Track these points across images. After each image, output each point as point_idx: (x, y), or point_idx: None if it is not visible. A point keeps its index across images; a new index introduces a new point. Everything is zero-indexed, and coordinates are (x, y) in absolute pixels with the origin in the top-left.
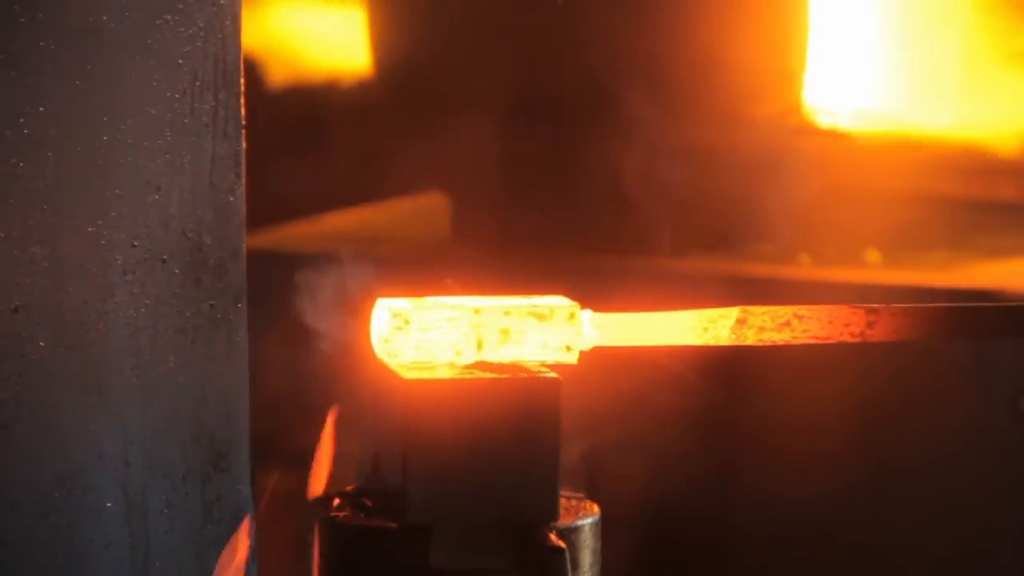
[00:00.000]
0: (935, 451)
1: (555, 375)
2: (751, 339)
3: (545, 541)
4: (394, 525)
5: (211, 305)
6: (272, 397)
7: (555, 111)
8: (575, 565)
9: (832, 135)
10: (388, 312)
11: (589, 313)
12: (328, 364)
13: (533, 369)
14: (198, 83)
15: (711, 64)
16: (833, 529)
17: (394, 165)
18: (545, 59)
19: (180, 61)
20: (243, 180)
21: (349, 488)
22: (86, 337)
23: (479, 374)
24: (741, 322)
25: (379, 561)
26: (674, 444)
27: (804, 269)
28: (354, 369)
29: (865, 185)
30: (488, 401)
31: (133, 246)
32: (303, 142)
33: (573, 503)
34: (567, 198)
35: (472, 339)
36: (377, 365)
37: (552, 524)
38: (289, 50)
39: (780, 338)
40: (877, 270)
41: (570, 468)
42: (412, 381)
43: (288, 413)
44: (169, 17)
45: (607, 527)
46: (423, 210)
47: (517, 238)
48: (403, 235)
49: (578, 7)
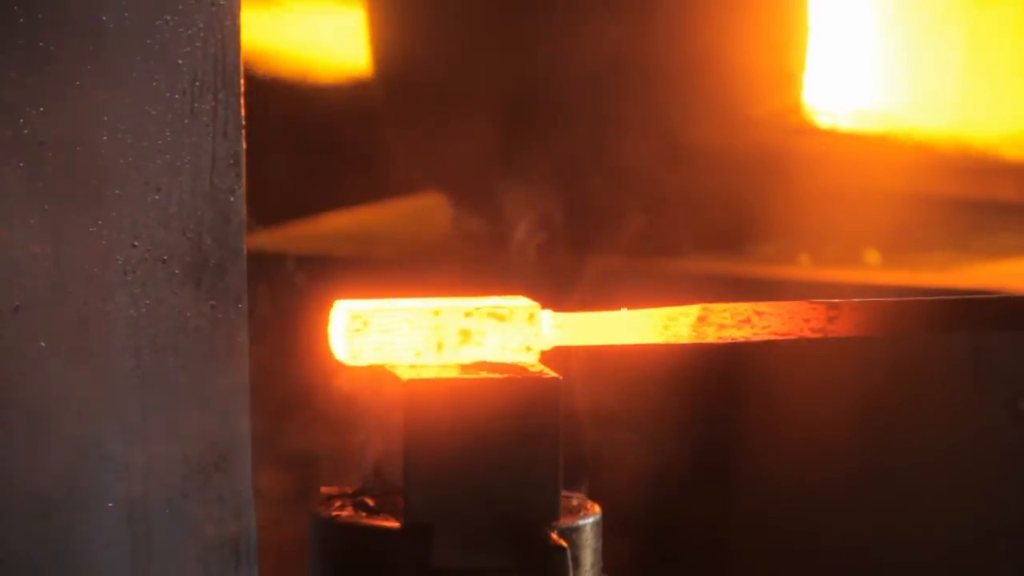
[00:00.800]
0: (934, 451)
1: (556, 375)
2: (711, 336)
3: (546, 540)
4: (394, 525)
5: (211, 305)
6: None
7: (555, 111)
8: (576, 564)
9: (832, 135)
10: (347, 314)
11: (549, 313)
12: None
13: (533, 369)
14: (198, 83)
15: (711, 64)
16: (833, 528)
17: (394, 165)
18: (545, 59)
19: (180, 61)
20: (243, 180)
21: (349, 488)
22: (87, 337)
23: (479, 374)
24: (701, 320)
25: (379, 561)
26: (674, 444)
27: (804, 269)
28: (355, 370)
29: (865, 185)
30: (488, 401)
31: (133, 246)
32: (303, 142)
33: (574, 502)
34: (566, 198)
35: (432, 341)
36: (379, 365)
37: (553, 523)
38: (289, 50)
39: (740, 335)
40: (877, 270)
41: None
42: (412, 381)
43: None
44: (169, 17)
45: (608, 526)
46: (423, 210)
47: (515, 239)
48: (403, 236)
49: (578, 7)
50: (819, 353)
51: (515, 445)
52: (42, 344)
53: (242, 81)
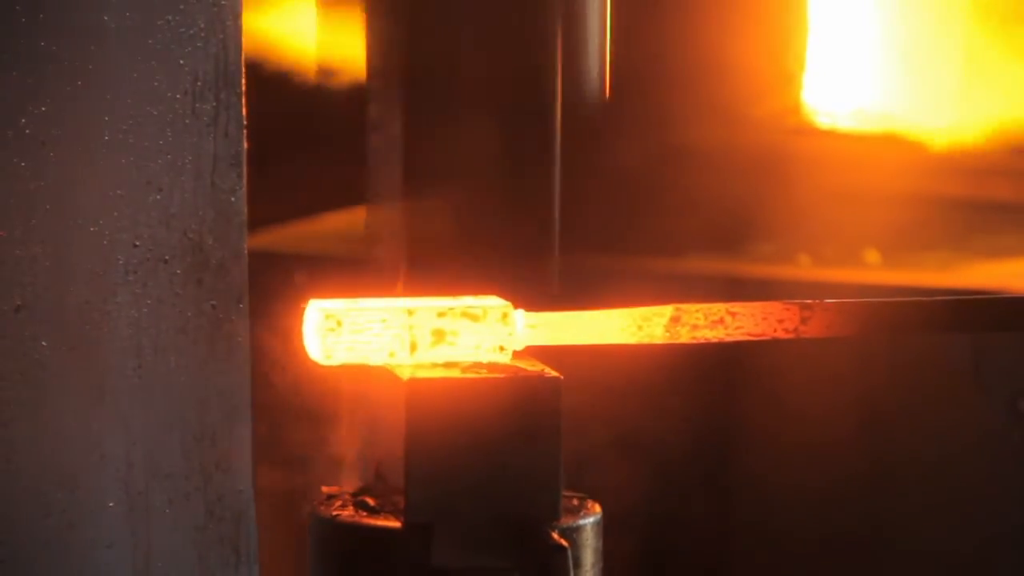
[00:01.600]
0: (934, 451)
1: (556, 375)
2: (685, 337)
3: (547, 540)
4: (395, 525)
5: (213, 305)
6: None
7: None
8: (577, 564)
9: (832, 135)
10: (320, 313)
11: (522, 313)
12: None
13: (534, 369)
14: (199, 83)
15: (711, 64)
16: (833, 528)
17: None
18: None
19: (181, 61)
20: (244, 180)
21: (349, 488)
22: (88, 337)
23: (480, 374)
24: (675, 320)
25: (380, 561)
26: (674, 444)
27: (804, 269)
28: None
29: (865, 185)
30: (489, 401)
31: (135, 246)
32: (303, 142)
33: (575, 502)
34: (566, 199)
35: (406, 340)
36: (380, 366)
37: (554, 523)
38: (290, 50)
39: (714, 335)
40: (877, 270)
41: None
42: (413, 381)
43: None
44: (170, 17)
45: (608, 526)
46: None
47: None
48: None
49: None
50: (819, 353)
51: (515, 445)
52: (42, 344)
53: (243, 81)
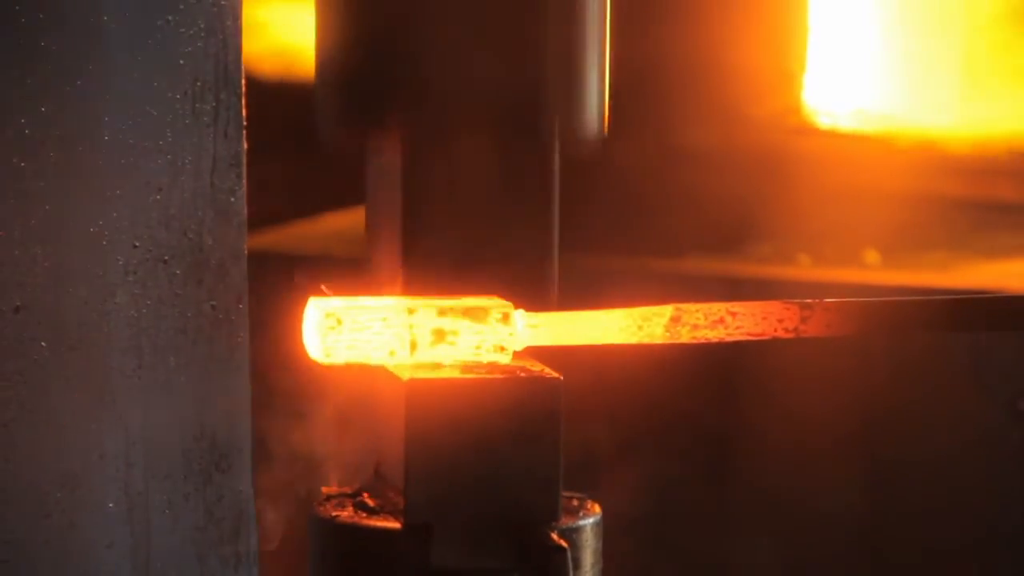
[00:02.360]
0: (935, 451)
1: (556, 375)
2: (685, 337)
3: (547, 541)
4: (395, 525)
5: (212, 306)
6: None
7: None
8: (576, 565)
9: (832, 136)
10: (320, 312)
11: (522, 313)
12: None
13: (534, 369)
14: (199, 83)
15: (711, 65)
16: (833, 528)
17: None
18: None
19: (181, 61)
20: (244, 180)
21: (349, 488)
22: (88, 337)
23: (480, 374)
24: (675, 320)
25: (379, 561)
26: (674, 444)
27: (804, 269)
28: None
29: (865, 185)
30: (489, 401)
31: (134, 246)
32: (303, 142)
33: (575, 503)
34: (566, 199)
35: (406, 339)
36: (379, 366)
37: (553, 524)
38: (290, 50)
39: (714, 335)
40: (877, 270)
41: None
42: (413, 381)
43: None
44: (170, 18)
45: (608, 526)
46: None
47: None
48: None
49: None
50: (819, 353)
51: (515, 445)
52: (42, 344)
53: (243, 81)
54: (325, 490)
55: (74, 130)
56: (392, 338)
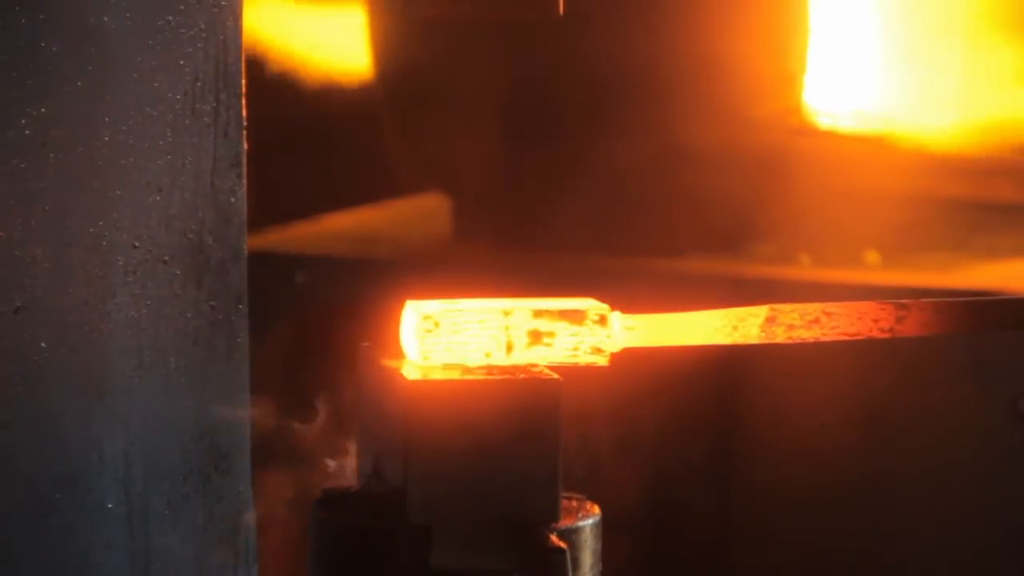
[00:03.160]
0: (935, 452)
1: (556, 376)
2: (781, 337)
3: (546, 542)
4: (394, 525)
5: (212, 306)
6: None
7: (555, 112)
8: (576, 566)
9: (832, 136)
10: (418, 315)
11: (618, 315)
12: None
13: (534, 370)
14: (199, 84)
15: (711, 65)
16: (833, 530)
17: (394, 166)
18: (545, 59)
19: (181, 62)
20: (244, 181)
21: (349, 488)
22: (87, 338)
23: (480, 375)
24: (770, 320)
25: (379, 561)
26: (674, 444)
27: (804, 269)
28: (356, 368)
29: (865, 185)
30: (489, 401)
31: (134, 247)
32: (303, 142)
33: (574, 503)
34: (567, 199)
35: (502, 341)
36: (378, 365)
37: (553, 525)
38: (290, 51)
39: (810, 335)
40: (877, 270)
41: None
42: (413, 381)
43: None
44: (170, 18)
45: (607, 528)
46: (423, 211)
47: (516, 239)
48: (403, 237)
49: (579, 8)
50: (819, 355)
51: (515, 446)
52: (42, 344)
53: (243, 82)
54: (325, 490)
55: (74, 131)
56: (488, 340)
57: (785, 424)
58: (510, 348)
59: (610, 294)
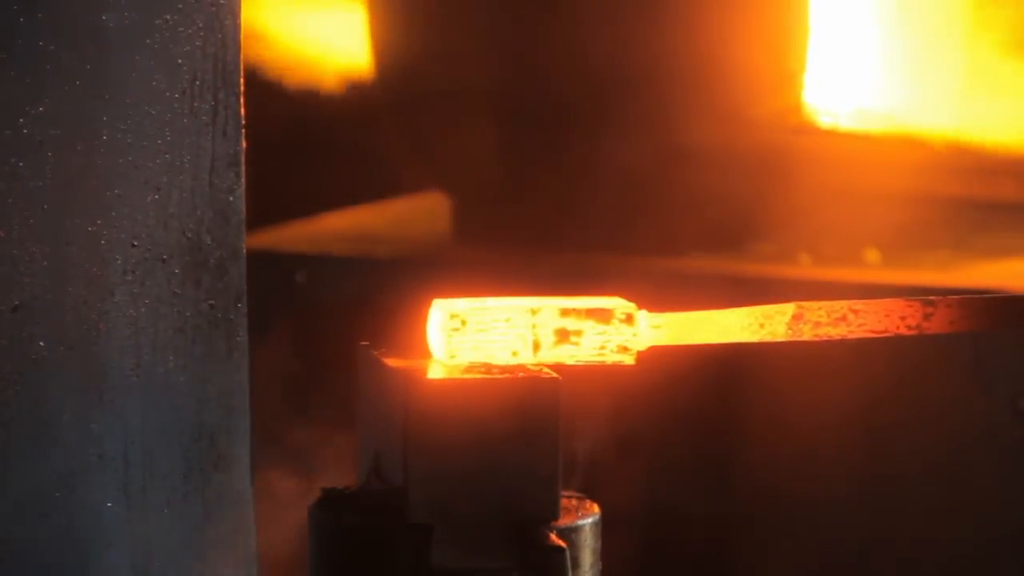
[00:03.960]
0: (935, 451)
1: (555, 375)
2: (807, 334)
3: (546, 541)
4: (394, 524)
5: (211, 305)
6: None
7: (555, 111)
8: (576, 565)
9: (832, 135)
10: (445, 313)
11: (645, 313)
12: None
13: (534, 369)
14: (198, 83)
15: (711, 64)
16: (834, 529)
17: (394, 165)
18: (546, 59)
19: (180, 61)
20: (243, 180)
21: (349, 488)
22: (86, 337)
23: (480, 374)
24: (797, 318)
25: (379, 561)
26: (674, 444)
27: (804, 269)
28: (356, 368)
29: (866, 185)
30: (489, 400)
31: (133, 246)
32: (303, 142)
33: (574, 502)
34: (567, 199)
35: (529, 340)
36: (378, 364)
37: (552, 524)
38: (289, 50)
39: (837, 332)
40: (877, 269)
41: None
42: (414, 381)
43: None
44: (169, 17)
45: (608, 527)
46: (423, 210)
47: (517, 239)
48: (403, 236)
49: (579, 7)
50: (820, 354)
51: (515, 445)
52: (41, 343)
53: (242, 80)
54: (325, 489)
55: (72, 129)
56: (515, 339)
57: (785, 423)
58: (537, 347)
59: (610, 293)
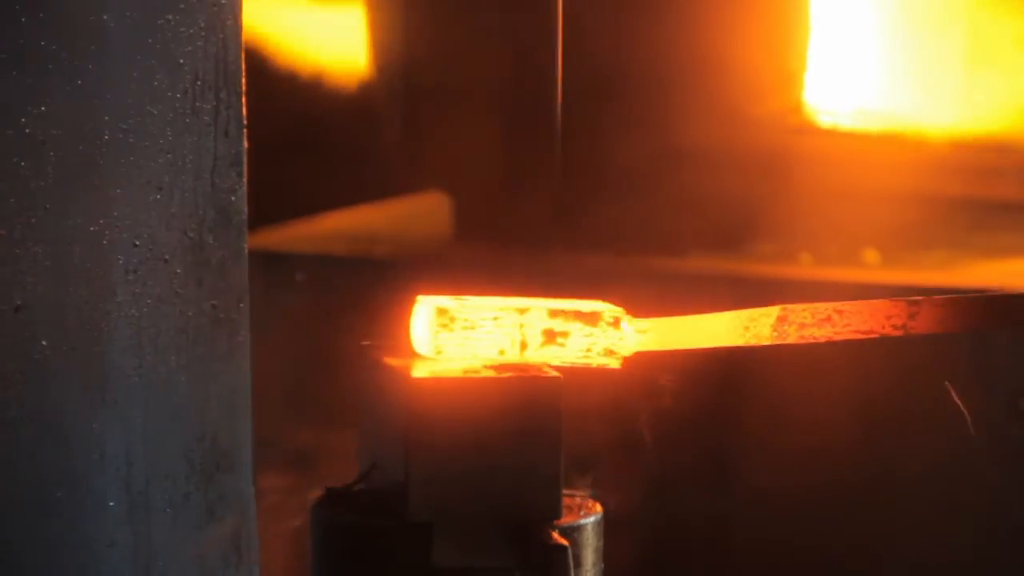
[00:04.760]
0: (935, 451)
1: (557, 375)
2: (793, 336)
3: (548, 540)
4: (395, 523)
5: (213, 305)
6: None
7: (556, 111)
8: (577, 563)
9: (833, 135)
10: (433, 310)
11: (630, 318)
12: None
13: (534, 369)
14: (199, 83)
15: (711, 64)
16: (834, 529)
17: (394, 164)
18: (546, 59)
19: (181, 61)
20: (244, 180)
21: (349, 488)
22: (88, 337)
23: (481, 373)
24: (782, 320)
25: (380, 560)
26: (674, 444)
27: (804, 269)
28: (358, 367)
29: (866, 184)
30: (490, 400)
31: (135, 246)
32: (303, 141)
33: (576, 502)
34: (567, 198)
35: (516, 339)
36: (378, 363)
37: (554, 523)
38: (291, 50)
39: (822, 334)
40: (878, 269)
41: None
42: (414, 379)
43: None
44: (170, 16)
45: (609, 526)
46: (423, 210)
47: (516, 239)
48: (403, 235)
49: (580, 6)
50: (819, 354)
51: (516, 444)
52: (42, 344)
53: (244, 80)
54: (325, 489)
55: (74, 129)
56: (502, 337)
57: (785, 424)
58: (524, 346)
59: (610, 293)
